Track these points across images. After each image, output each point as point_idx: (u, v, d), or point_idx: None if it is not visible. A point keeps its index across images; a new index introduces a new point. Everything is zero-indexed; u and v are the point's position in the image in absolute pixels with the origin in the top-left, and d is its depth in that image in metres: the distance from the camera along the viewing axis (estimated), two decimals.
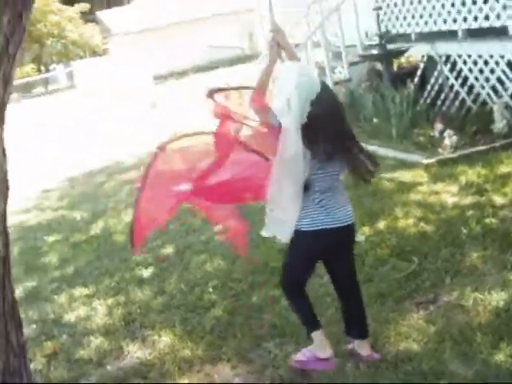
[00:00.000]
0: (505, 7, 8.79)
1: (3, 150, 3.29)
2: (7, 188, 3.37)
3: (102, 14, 37.29)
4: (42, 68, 41.24)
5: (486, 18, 9.18)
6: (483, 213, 6.04)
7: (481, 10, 9.24)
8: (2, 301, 3.49)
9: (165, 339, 4.81)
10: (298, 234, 3.81)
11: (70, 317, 5.62)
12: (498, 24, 9.03)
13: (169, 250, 6.75)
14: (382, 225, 6.22)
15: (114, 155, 12.89)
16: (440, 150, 8.21)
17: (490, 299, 4.51)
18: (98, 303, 5.72)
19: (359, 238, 5.85)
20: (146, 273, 6.23)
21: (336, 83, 11.82)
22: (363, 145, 3.83)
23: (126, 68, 24.70)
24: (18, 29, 2.97)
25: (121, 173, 11.27)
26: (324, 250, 3.92)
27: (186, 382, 4.22)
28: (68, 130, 18.52)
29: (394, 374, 3.88)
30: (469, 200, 6.50)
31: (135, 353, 4.73)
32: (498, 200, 6.33)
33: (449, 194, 6.78)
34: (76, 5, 38.86)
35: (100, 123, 18.56)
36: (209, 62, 30.98)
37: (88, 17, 40.28)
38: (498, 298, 4.51)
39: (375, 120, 9.93)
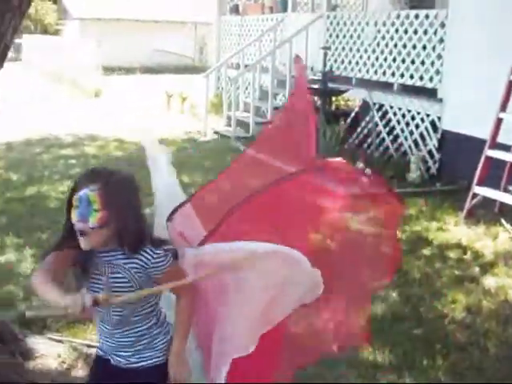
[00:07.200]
0: (438, 72, 9.78)
1: None
2: None
3: None
4: None
5: (421, 78, 10.17)
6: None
7: (417, 69, 10.23)
8: None
9: None
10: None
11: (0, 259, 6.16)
12: (430, 85, 10.00)
13: None
14: None
15: (50, 131, 13.31)
16: None
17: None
18: (28, 252, 6.24)
19: None
20: None
21: (275, 108, 12.67)
22: None
23: (75, 52, 24.92)
24: None
25: (58, 147, 11.74)
26: None
27: None
28: (6, 99, 18.75)
29: None
30: (372, 230, 7.31)
31: None
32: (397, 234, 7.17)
33: (354, 223, 7.58)
34: None
35: (40, 98, 18.86)
36: (156, 64, 31.54)
37: None
38: (376, 307, 5.25)
39: None
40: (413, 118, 10.25)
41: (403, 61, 10.59)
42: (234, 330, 2.72)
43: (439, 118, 9.68)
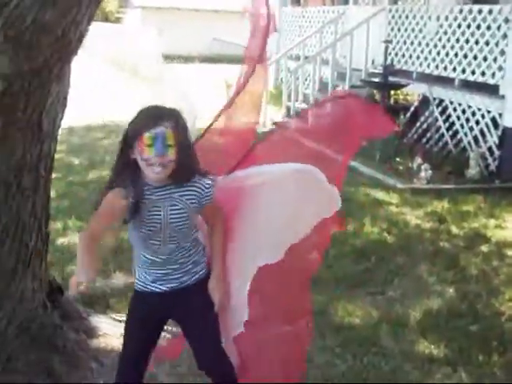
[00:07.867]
0: (500, 68, 9.68)
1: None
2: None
3: None
4: None
5: (483, 74, 10.07)
6: (439, 237, 6.89)
7: (479, 65, 10.13)
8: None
9: None
10: None
11: (63, 240, 6.32)
12: (491, 82, 9.90)
13: None
14: (349, 227, 7.00)
15: (111, 117, 13.49)
16: (415, 180, 9.03)
17: (426, 302, 5.31)
18: None
19: None
20: None
21: None
22: None
23: (137, 40, 25.20)
24: None
25: (119, 133, 11.90)
26: None
27: None
28: (76, 85, 19.07)
29: (334, 338, 4.65)
30: (429, 225, 7.32)
31: (121, 277, 5.46)
32: (455, 230, 7.16)
33: (413, 217, 7.59)
34: None
35: (102, 85, 19.16)
36: (215, 54, 31.69)
37: None
38: (432, 302, 5.31)
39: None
40: (473, 114, 10.15)
41: (465, 56, 10.49)
42: (260, 242, 3.03)
43: (500, 115, 9.57)
